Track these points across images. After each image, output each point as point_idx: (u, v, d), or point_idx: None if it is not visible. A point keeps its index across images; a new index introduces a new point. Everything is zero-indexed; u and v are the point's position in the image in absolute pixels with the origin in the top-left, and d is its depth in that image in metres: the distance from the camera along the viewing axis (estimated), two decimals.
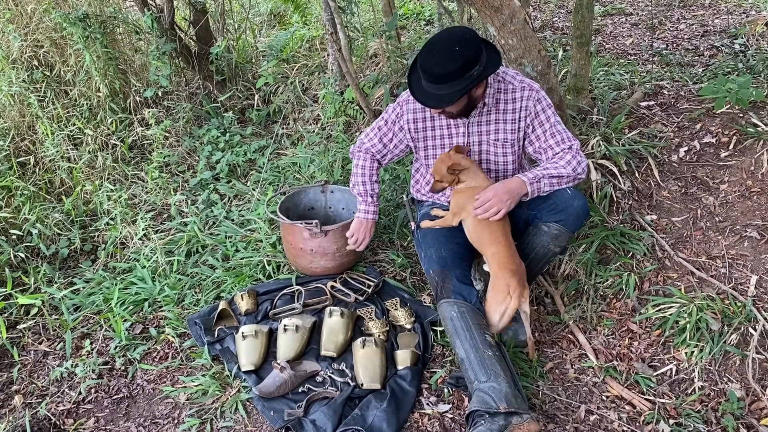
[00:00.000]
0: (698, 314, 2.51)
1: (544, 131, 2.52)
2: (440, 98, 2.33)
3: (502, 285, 2.41)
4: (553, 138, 2.51)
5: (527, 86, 2.51)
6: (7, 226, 3.37)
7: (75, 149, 3.94)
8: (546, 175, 2.43)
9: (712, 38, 4.78)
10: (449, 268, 2.53)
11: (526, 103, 2.50)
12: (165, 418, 2.42)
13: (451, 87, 2.29)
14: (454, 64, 2.24)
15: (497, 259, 2.44)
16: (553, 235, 2.51)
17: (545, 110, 2.51)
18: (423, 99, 2.39)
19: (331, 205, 3.36)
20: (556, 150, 2.50)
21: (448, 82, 2.28)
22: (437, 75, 2.28)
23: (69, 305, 3.00)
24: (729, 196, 2.99)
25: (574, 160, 2.46)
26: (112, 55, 4.10)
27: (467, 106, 2.45)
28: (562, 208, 2.46)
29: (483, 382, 2.21)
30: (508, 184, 2.43)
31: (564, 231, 2.49)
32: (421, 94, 2.40)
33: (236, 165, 4.02)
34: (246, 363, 2.52)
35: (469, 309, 2.43)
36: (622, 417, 2.31)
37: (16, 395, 2.57)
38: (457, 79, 2.27)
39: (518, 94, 2.51)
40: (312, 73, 4.67)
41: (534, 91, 2.50)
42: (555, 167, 2.44)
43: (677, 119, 3.52)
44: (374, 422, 2.24)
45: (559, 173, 2.43)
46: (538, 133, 2.53)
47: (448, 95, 2.30)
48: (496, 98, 2.52)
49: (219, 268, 3.15)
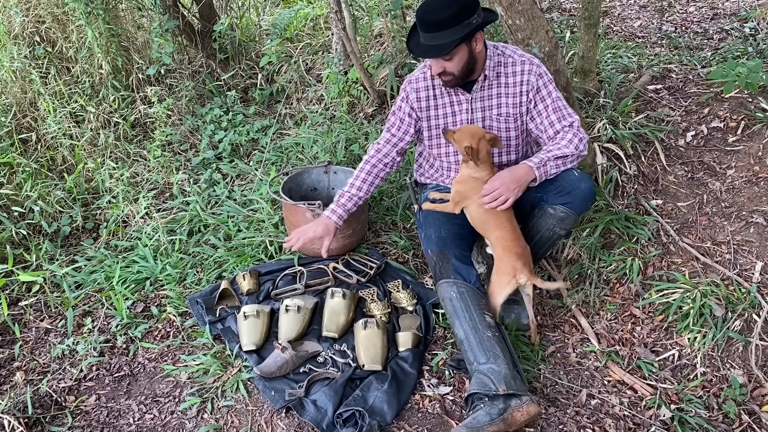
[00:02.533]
0: (702, 300, 2.50)
1: (546, 107, 2.49)
2: (440, 47, 2.30)
3: (507, 268, 2.39)
4: (555, 113, 2.48)
5: (527, 60, 2.49)
6: (8, 203, 3.36)
7: (77, 126, 3.92)
8: (551, 158, 2.40)
9: (722, 21, 4.71)
10: (448, 248, 2.52)
11: (528, 77, 2.48)
12: (166, 397, 2.42)
13: (450, 35, 2.27)
14: (451, 8, 2.24)
15: (502, 243, 2.42)
16: (559, 217, 2.48)
17: (546, 85, 2.49)
18: (422, 52, 2.37)
19: (334, 186, 3.33)
20: (557, 127, 2.48)
21: (447, 28, 2.26)
22: (434, 21, 2.26)
23: (70, 283, 3.00)
24: (736, 182, 2.96)
25: (576, 138, 2.43)
26: (114, 31, 4.05)
27: (468, 67, 2.40)
28: (569, 190, 2.43)
29: (482, 364, 2.21)
30: (515, 171, 2.39)
31: (570, 213, 2.46)
32: (420, 49, 2.37)
33: (239, 144, 3.99)
34: (247, 343, 2.51)
35: (468, 289, 2.42)
36: (623, 401, 2.31)
37: (17, 372, 2.57)
38: (455, 26, 2.26)
39: (518, 67, 2.49)
40: (316, 53, 4.62)
41: (535, 66, 2.48)
42: (558, 147, 2.42)
43: (685, 103, 3.48)
44: (375, 403, 2.24)
45: (563, 153, 2.41)
46: (540, 109, 2.51)
47: (448, 42, 2.27)
48: (496, 71, 2.50)
49: (221, 247, 3.14)
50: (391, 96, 3.93)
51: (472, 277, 2.48)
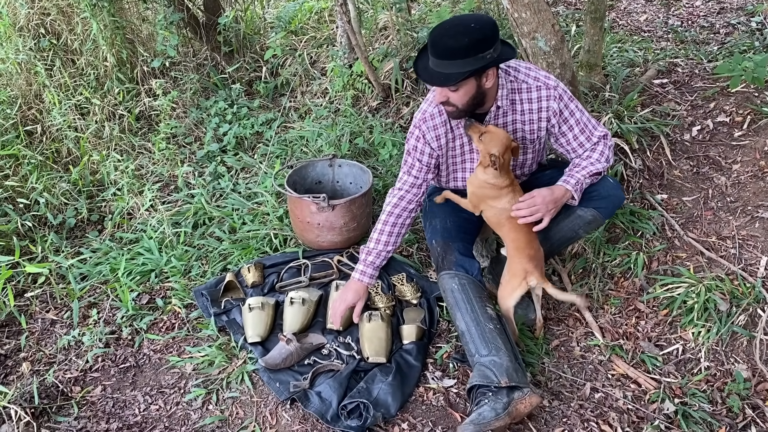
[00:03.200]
0: (706, 294, 2.50)
1: (571, 128, 2.40)
2: (447, 77, 2.15)
3: (519, 270, 2.37)
4: (582, 134, 2.40)
5: (543, 84, 2.34)
6: (14, 194, 3.37)
7: (82, 119, 3.92)
8: (586, 175, 2.36)
9: (728, 15, 4.69)
10: (452, 240, 2.52)
11: (547, 104, 2.35)
12: (171, 388, 2.43)
13: (460, 66, 2.12)
14: (468, 37, 2.10)
15: (516, 244, 2.39)
16: (588, 220, 2.45)
17: (568, 105, 2.37)
18: (428, 77, 2.22)
19: (338, 180, 3.34)
20: (587, 146, 2.42)
21: (458, 58, 2.12)
22: (447, 48, 2.12)
23: (76, 274, 3.01)
24: (741, 177, 2.96)
25: (608, 150, 2.39)
26: (119, 24, 4.05)
27: (474, 101, 2.26)
28: (604, 196, 2.41)
29: (484, 356, 2.21)
30: (555, 192, 2.33)
31: (599, 218, 2.45)
32: (426, 73, 2.23)
33: (243, 137, 4.00)
34: (252, 335, 2.52)
35: (470, 281, 2.42)
36: (627, 395, 2.32)
37: (24, 362, 2.59)
38: (468, 57, 2.11)
39: (534, 94, 2.35)
40: (320, 46, 4.61)
41: (552, 89, 2.34)
42: (591, 163, 2.37)
43: (691, 98, 3.47)
44: (379, 395, 2.25)
45: (597, 170, 2.37)
46: (565, 131, 2.41)
47: (456, 73, 2.13)
48: (510, 99, 2.36)
49: (226, 240, 3.15)
50: (396, 89, 3.93)
51: (474, 269, 2.48)
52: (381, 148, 3.60)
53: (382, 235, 2.49)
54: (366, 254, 2.50)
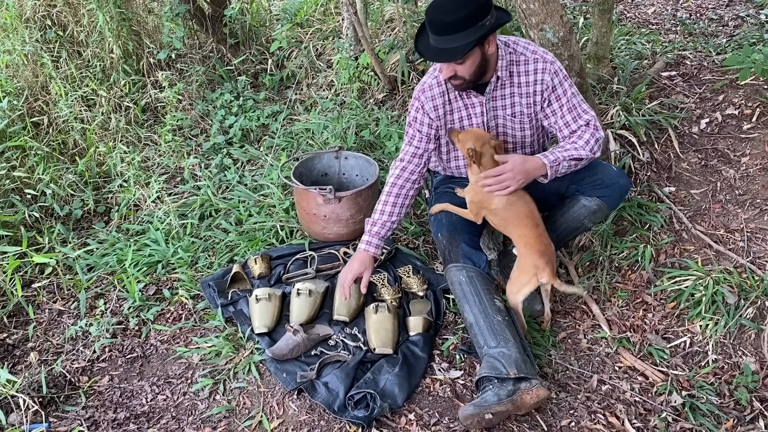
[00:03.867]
0: (714, 287, 2.49)
1: (561, 106, 2.38)
2: (452, 51, 2.17)
3: (529, 266, 2.35)
4: (570, 113, 2.38)
5: (540, 58, 2.35)
6: (21, 185, 3.38)
7: (88, 110, 3.92)
8: (567, 158, 2.31)
9: (737, 8, 4.65)
10: (458, 232, 2.51)
11: (542, 77, 2.35)
12: (178, 378, 2.44)
13: (463, 38, 2.13)
14: (465, 9, 2.10)
15: (524, 240, 2.37)
16: (593, 210, 2.44)
17: (562, 83, 2.37)
18: (433, 56, 2.24)
19: (344, 172, 3.33)
20: (573, 127, 2.38)
21: (459, 31, 2.12)
22: (447, 24, 2.13)
23: (83, 265, 3.02)
24: (750, 169, 2.94)
25: (592, 139, 2.34)
26: (125, 15, 4.05)
27: (480, 70, 2.28)
28: (608, 184, 2.39)
29: (492, 348, 2.21)
30: (527, 163, 2.30)
31: (604, 207, 2.44)
32: (430, 52, 2.24)
33: (249, 130, 3.99)
34: (259, 325, 2.53)
35: (477, 273, 2.42)
36: (634, 387, 2.31)
37: (31, 352, 2.60)
38: (468, 28, 2.12)
39: (531, 66, 2.36)
40: (326, 38, 4.59)
41: (549, 63, 2.35)
42: (575, 148, 2.33)
43: (699, 90, 3.45)
44: (386, 386, 2.25)
45: (579, 155, 2.32)
46: (555, 108, 2.39)
47: (461, 46, 2.14)
48: (509, 70, 2.37)
49: (232, 232, 3.15)
50: (402, 81, 3.92)
51: (481, 261, 2.47)
52: (387, 140, 3.59)
53: (386, 206, 2.51)
54: (371, 225, 2.52)
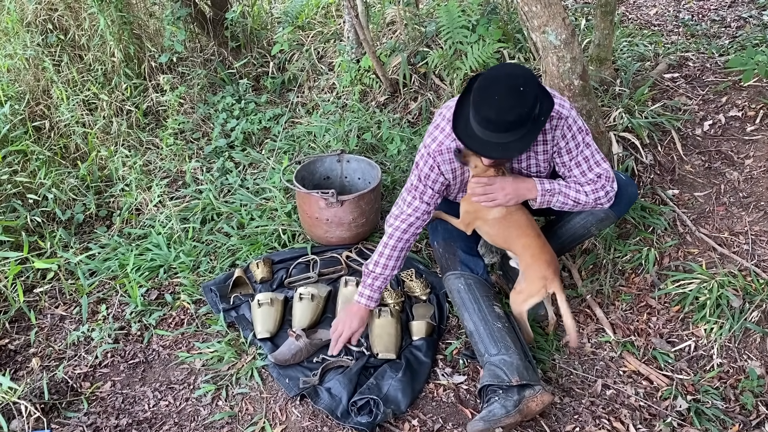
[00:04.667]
0: (719, 291, 2.47)
1: (571, 159, 2.26)
2: (506, 147, 2.00)
3: (537, 277, 2.31)
4: (578, 167, 2.26)
5: (555, 114, 2.18)
6: (23, 190, 3.37)
7: (90, 114, 3.92)
8: (563, 193, 2.26)
9: (739, 9, 4.64)
10: (454, 240, 2.50)
11: (554, 134, 2.22)
12: (180, 384, 2.43)
13: (520, 133, 1.97)
14: (524, 106, 1.92)
15: (530, 251, 2.34)
16: (600, 218, 2.41)
17: (575, 137, 2.22)
18: (484, 150, 2.05)
19: (347, 175, 3.32)
20: (581, 180, 2.28)
21: (518, 128, 1.96)
22: (507, 123, 1.93)
23: (85, 270, 3.01)
24: (754, 171, 2.93)
25: (602, 191, 2.26)
26: (126, 19, 4.04)
27: None
28: (616, 194, 2.33)
29: (494, 355, 2.20)
30: (519, 183, 2.27)
31: (611, 215, 2.40)
32: (480, 145, 2.03)
33: (251, 133, 3.99)
34: (261, 330, 2.52)
35: (476, 281, 2.41)
36: (639, 392, 2.30)
37: (33, 358, 2.59)
38: (525, 124, 1.96)
39: (547, 124, 2.20)
40: (328, 41, 4.59)
41: (563, 120, 2.19)
42: (576, 190, 2.27)
43: (702, 92, 3.44)
44: (389, 391, 2.24)
45: (577, 198, 2.26)
46: (565, 160, 2.28)
47: (518, 143, 1.98)
48: None
49: (234, 236, 3.14)
50: (403, 84, 3.91)
51: (479, 268, 2.46)
52: (389, 143, 3.59)
53: (389, 260, 2.40)
54: (373, 279, 2.41)
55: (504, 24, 3.94)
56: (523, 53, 3.83)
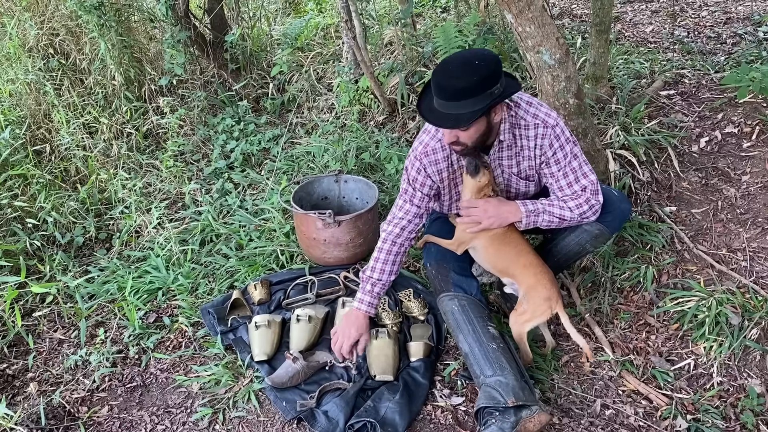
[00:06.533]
0: (718, 308, 2.46)
1: (559, 169, 2.29)
2: (458, 118, 2.07)
3: (542, 298, 2.30)
4: (565, 178, 2.29)
5: (541, 122, 2.23)
6: (23, 214, 3.39)
7: (90, 138, 3.95)
8: (548, 212, 2.28)
9: (735, 26, 4.67)
10: (447, 261, 2.49)
11: (541, 142, 2.25)
12: (178, 407, 2.42)
13: (471, 105, 2.04)
14: (475, 75, 2.01)
15: (532, 270, 2.33)
16: (595, 234, 2.41)
17: (563, 147, 2.26)
18: (437, 121, 2.12)
19: (344, 195, 3.33)
20: (567, 192, 2.30)
21: (467, 98, 2.03)
22: (456, 89, 2.03)
23: (83, 294, 3.02)
24: (751, 188, 2.93)
25: (586, 205, 2.27)
26: (126, 43, 4.09)
27: (483, 136, 2.20)
28: (609, 210, 2.34)
29: (489, 377, 2.19)
30: (502, 207, 2.29)
31: (606, 232, 2.41)
32: (434, 116, 2.12)
33: (250, 154, 4.01)
34: (259, 353, 2.51)
35: (470, 301, 2.40)
36: (638, 412, 2.28)
37: (31, 382, 2.58)
38: (477, 96, 2.02)
39: (531, 131, 2.25)
40: (326, 62, 4.63)
41: (549, 129, 2.23)
42: (561, 207, 2.28)
43: (698, 109, 3.45)
44: (387, 414, 2.23)
45: (562, 215, 2.27)
46: (553, 170, 2.30)
47: (468, 114, 2.04)
48: (512, 133, 2.27)
49: (233, 257, 3.15)
50: (401, 104, 3.93)
51: (473, 288, 2.45)
52: (387, 162, 3.60)
53: (385, 265, 2.41)
54: (372, 285, 2.41)
55: (500, 43, 3.97)
56: (519, 72, 3.86)
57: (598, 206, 2.29)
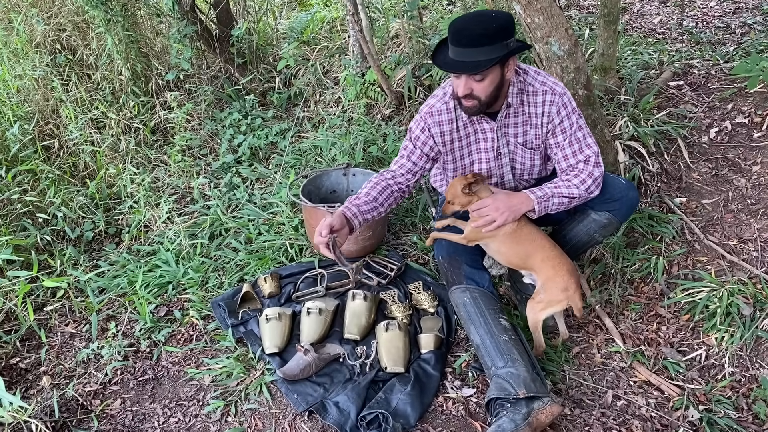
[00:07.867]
0: (729, 299, 2.45)
1: (564, 139, 2.31)
2: (475, 64, 2.09)
3: (560, 288, 2.30)
4: (570, 147, 2.31)
5: (549, 90, 2.28)
6: (33, 209, 3.40)
7: (98, 133, 3.96)
8: (556, 194, 2.26)
9: (744, 15, 4.63)
10: (459, 254, 2.49)
11: (549, 109, 2.29)
12: (190, 400, 2.43)
13: (488, 52, 2.08)
14: (493, 23, 2.07)
15: (551, 263, 2.33)
16: (603, 224, 2.41)
17: (569, 116, 2.29)
18: (453, 67, 2.15)
19: (353, 188, 3.33)
20: (571, 161, 2.32)
21: (485, 45, 2.07)
22: (473, 35, 2.07)
23: (94, 288, 3.03)
24: (762, 178, 2.91)
25: (590, 179, 2.27)
26: (133, 38, 4.10)
27: (495, 92, 2.20)
28: (617, 198, 2.35)
29: (500, 368, 2.19)
30: (511, 198, 2.27)
31: (614, 221, 2.41)
32: (451, 63, 2.15)
33: (258, 148, 4.01)
34: (270, 345, 2.52)
35: (481, 294, 2.40)
36: (650, 402, 2.28)
37: (44, 376, 2.60)
38: (494, 44, 2.07)
39: (540, 98, 2.29)
40: (333, 55, 4.62)
41: (557, 96, 2.27)
42: (567, 186, 2.27)
43: (708, 99, 3.43)
44: (398, 405, 2.23)
45: (571, 193, 2.26)
46: (558, 140, 2.33)
47: (485, 60, 2.08)
48: (520, 99, 2.30)
49: (242, 251, 3.16)
50: (408, 97, 3.92)
51: (484, 281, 2.45)
52: (395, 155, 3.59)
53: (368, 197, 2.32)
54: (350, 202, 2.30)
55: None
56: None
57: (601, 178, 2.32)
